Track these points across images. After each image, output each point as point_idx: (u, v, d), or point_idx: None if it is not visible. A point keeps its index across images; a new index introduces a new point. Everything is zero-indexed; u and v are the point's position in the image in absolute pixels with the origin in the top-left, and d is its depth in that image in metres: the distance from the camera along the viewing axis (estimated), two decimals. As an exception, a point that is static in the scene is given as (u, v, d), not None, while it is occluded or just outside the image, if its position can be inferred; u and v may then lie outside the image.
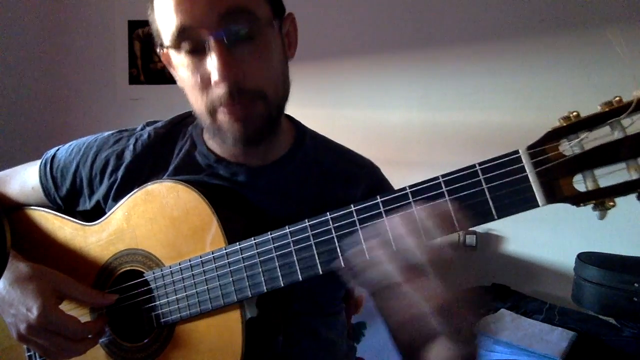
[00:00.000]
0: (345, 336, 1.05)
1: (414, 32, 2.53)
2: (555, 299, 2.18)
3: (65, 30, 2.67)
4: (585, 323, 1.92)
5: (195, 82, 0.81)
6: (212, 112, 0.82)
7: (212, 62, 0.76)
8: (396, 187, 1.06)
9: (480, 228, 2.43)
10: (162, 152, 0.98)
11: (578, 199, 0.60)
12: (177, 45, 0.80)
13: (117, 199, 0.94)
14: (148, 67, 2.63)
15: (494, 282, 2.36)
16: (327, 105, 2.60)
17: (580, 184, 0.60)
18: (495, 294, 2.24)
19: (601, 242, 2.12)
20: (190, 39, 0.79)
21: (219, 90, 0.79)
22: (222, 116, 0.81)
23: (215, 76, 0.76)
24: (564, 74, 2.33)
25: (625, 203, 0.60)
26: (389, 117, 2.56)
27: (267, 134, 0.86)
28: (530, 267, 2.41)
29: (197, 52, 0.79)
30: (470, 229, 2.40)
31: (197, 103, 0.83)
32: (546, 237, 2.36)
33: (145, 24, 2.61)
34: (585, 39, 2.28)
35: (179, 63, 0.83)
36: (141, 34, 2.63)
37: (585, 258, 2.05)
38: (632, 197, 0.59)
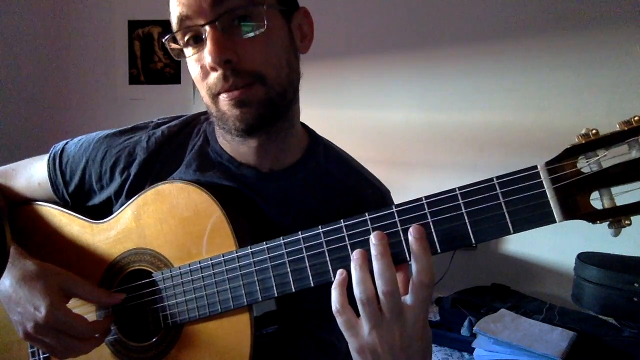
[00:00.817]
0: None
1: (414, 32, 2.53)
2: (555, 299, 2.18)
3: (65, 30, 2.67)
4: (585, 323, 1.92)
5: (198, 73, 0.81)
6: (214, 100, 0.81)
7: (207, 48, 0.76)
8: (397, 188, 1.07)
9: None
10: (175, 150, 0.97)
11: (595, 217, 0.61)
12: (181, 37, 0.80)
13: (130, 195, 0.93)
14: (148, 67, 2.62)
15: (493, 282, 2.36)
16: (327, 105, 2.60)
17: (597, 201, 0.61)
18: (495, 294, 2.24)
19: (601, 242, 2.12)
20: (191, 29, 0.79)
21: (214, 74, 0.78)
22: (223, 103, 0.80)
23: (208, 59, 0.76)
24: (564, 74, 2.34)
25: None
26: (389, 117, 2.56)
27: (270, 122, 0.84)
28: (530, 267, 2.42)
29: (200, 44, 0.79)
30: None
31: (202, 93, 0.83)
32: (546, 237, 2.36)
33: (145, 24, 2.63)
34: (586, 39, 2.29)
35: (187, 56, 0.82)
36: (141, 34, 2.62)
37: (585, 258, 2.06)
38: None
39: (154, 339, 0.88)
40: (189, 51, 0.81)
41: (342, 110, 2.62)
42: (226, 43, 0.76)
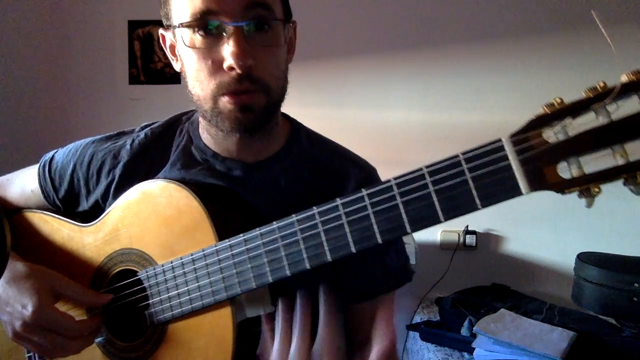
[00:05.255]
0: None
1: (413, 32, 2.52)
2: (555, 299, 2.17)
3: (65, 30, 2.67)
4: (585, 323, 1.91)
5: (205, 65, 0.81)
6: (216, 98, 0.82)
7: (228, 49, 0.78)
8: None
9: (480, 228, 2.43)
10: (159, 150, 0.99)
11: (562, 186, 0.59)
12: (195, 25, 0.80)
13: (116, 197, 0.94)
14: (148, 67, 2.62)
15: (493, 282, 2.35)
16: (327, 105, 2.60)
17: (565, 171, 0.59)
18: (495, 294, 2.23)
19: (601, 242, 2.11)
20: (210, 23, 0.80)
21: (231, 74, 0.80)
22: (225, 104, 0.82)
23: (230, 61, 0.78)
24: (563, 74, 2.33)
25: (624, 203, 0.59)
26: (389, 117, 2.55)
27: (263, 127, 0.87)
28: (530, 267, 2.41)
29: (213, 37, 0.80)
30: (470, 228, 2.40)
31: (201, 86, 0.83)
32: (546, 237, 2.36)
33: (145, 24, 2.63)
34: (585, 39, 2.28)
35: (189, 44, 0.82)
36: (141, 34, 2.62)
37: (585, 258, 2.04)
38: (631, 196, 0.58)
39: (140, 339, 0.88)
40: (195, 40, 0.81)
41: (342, 110, 2.61)
42: (249, 49, 0.79)
